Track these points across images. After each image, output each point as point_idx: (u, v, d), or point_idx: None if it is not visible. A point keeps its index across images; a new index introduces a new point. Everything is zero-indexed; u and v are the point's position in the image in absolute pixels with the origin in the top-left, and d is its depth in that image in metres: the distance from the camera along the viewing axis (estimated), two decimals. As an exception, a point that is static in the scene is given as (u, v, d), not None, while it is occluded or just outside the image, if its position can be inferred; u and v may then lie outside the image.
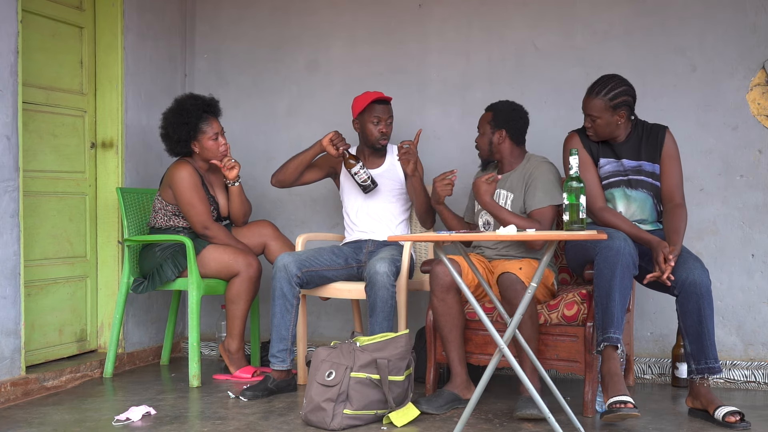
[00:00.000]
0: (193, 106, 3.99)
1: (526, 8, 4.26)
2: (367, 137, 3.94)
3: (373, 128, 3.91)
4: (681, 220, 3.36)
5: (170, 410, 3.38)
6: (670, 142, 3.47)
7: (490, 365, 2.80)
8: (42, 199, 3.92)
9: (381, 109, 3.91)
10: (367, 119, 3.91)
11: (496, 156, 3.68)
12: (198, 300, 3.87)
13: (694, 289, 3.17)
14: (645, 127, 3.52)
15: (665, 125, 3.52)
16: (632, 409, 2.97)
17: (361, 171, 3.86)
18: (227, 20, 4.77)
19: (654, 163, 3.47)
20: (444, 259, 2.89)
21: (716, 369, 3.18)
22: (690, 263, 3.22)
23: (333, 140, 3.88)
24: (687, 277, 3.18)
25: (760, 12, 3.90)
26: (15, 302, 3.53)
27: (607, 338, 3.12)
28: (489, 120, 3.67)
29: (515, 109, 3.68)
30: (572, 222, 2.84)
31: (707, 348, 3.17)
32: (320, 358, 3.18)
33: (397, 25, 4.47)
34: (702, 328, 3.17)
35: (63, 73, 4.08)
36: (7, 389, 3.48)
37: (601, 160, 3.50)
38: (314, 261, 3.72)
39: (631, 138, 3.49)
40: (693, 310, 3.17)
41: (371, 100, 3.89)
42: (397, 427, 3.11)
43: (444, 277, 3.36)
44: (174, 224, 4.01)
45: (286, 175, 4.00)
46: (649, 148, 3.47)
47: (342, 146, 3.88)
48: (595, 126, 3.44)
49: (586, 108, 3.45)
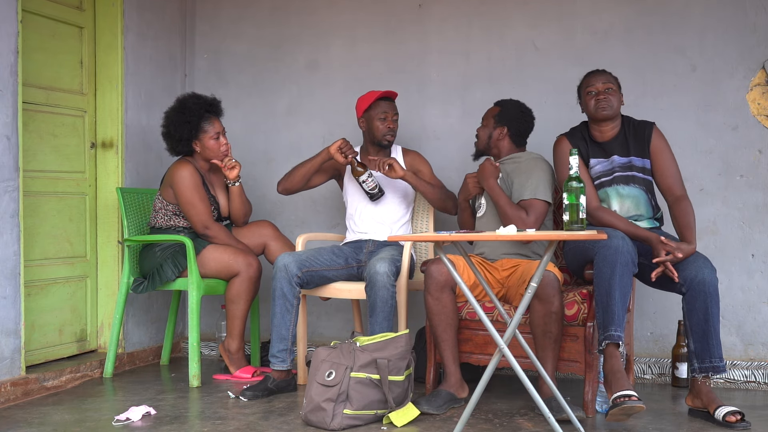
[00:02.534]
0: (196, 105, 4.00)
1: (526, 8, 4.26)
2: (374, 134, 3.92)
3: (380, 124, 3.90)
4: (688, 215, 3.37)
5: (170, 410, 3.38)
6: (657, 137, 3.50)
7: (490, 365, 2.80)
8: (42, 199, 3.92)
9: (387, 105, 3.91)
10: (374, 116, 3.90)
11: (493, 151, 3.72)
12: (198, 300, 3.87)
13: (703, 288, 3.17)
14: (632, 123, 3.55)
15: (652, 121, 3.55)
16: (637, 401, 2.96)
17: (369, 179, 3.85)
18: (227, 20, 4.77)
19: (644, 158, 3.49)
20: (444, 258, 2.89)
21: (721, 368, 3.19)
22: (699, 262, 3.23)
23: (341, 148, 3.86)
24: (696, 275, 3.19)
25: (760, 12, 3.90)
26: (15, 302, 3.53)
27: (609, 336, 3.12)
28: (494, 114, 3.70)
29: (523, 111, 3.71)
30: (572, 222, 2.84)
31: (713, 347, 3.18)
32: (320, 358, 3.18)
33: (397, 24, 4.47)
34: (708, 327, 3.17)
35: (63, 73, 4.08)
36: (7, 389, 3.48)
37: (591, 160, 3.52)
38: (314, 261, 3.72)
39: (619, 135, 3.52)
40: (700, 308, 3.18)
41: (377, 96, 3.89)
42: (397, 427, 3.11)
43: (439, 276, 3.35)
44: (174, 224, 4.01)
45: (293, 183, 3.98)
46: (637, 144, 3.50)
47: (351, 154, 3.86)
48: (609, 96, 3.47)
49: (599, 80, 3.50)
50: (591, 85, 3.51)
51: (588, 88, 3.52)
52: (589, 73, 3.57)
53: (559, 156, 3.55)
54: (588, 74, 3.57)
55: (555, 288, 3.21)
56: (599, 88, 3.49)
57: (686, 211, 3.37)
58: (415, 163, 4.01)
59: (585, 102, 3.54)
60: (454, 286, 3.38)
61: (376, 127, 3.91)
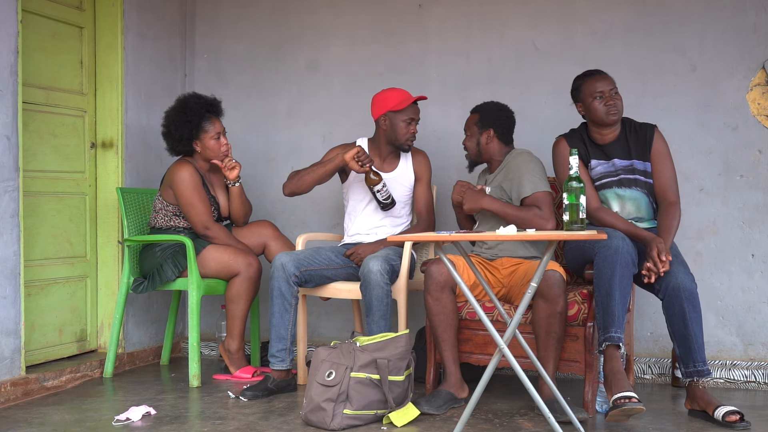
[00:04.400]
0: (197, 104, 4.00)
1: (526, 8, 4.26)
2: (398, 136, 3.84)
3: (405, 128, 3.83)
4: (673, 219, 3.36)
5: (170, 410, 3.38)
6: (659, 141, 3.48)
7: (490, 365, 2.80)
8: (42, 199, 3.92)
9: (416, 110, 3.84)
10: (401, 118, 3.82)
11: (485, 157, 3.67)
12: (198, 300, 3.87)
13: (678, 293, 3.17)
14: (633, 126, 3.53)
15: (653, 124, 3.54)
16: (637, 403, 2.96)
17: (383, 189, 3.78)
18: (227, 20, 4.77)
19: (645, 161, 3.48)
20: (444, 258, 2.89)
21: (704, 372, 3.18)
22: (674, 267, 3.22)
23: (359, 157, 3.73)
24: (670, 281, 3.18)
25: (760, 12, 3.90)
26: (15, 302, 3.53)
27: (609, 338, 3.12)
28: (475, 121, 3.67)
29: (501, 109, 3.68)
30: (572, 222, 2.84)
31: (694, 351, 3.17)
32: (320, 358, 3.18)
33: (397, 25, 4.47)
34: (687, 332, 3.16)
35: (63, 73, 4.08)
36: (7, 389, 3.48)
37: (592, 161, 3.51)
38: (312, 260, 3.72)
39: (619, 138, 3.50)
40: (678, 313, 3.18)
41: (413, 101, 3.80)
42: (397, 427, 3.11)
43: (439, 276, 3.35)
44: (174, 224, 4.01)
45: (301, 188, 3.87)
46: (638, 146, 3.48)
47: (367, 163, 3.74)
48: (617, 100, 3.45)
49: (607, 84, 3.46)
50: (598, 89, 3.45)
51: (594, 91, 3.46)
52: (591, 76, 3.51)
53: (559, 156, 3.54)
54: (589, 77, 3.51)
55: (561, 288, 3.20)
56: (607, 93, 3.44)
57: (673, 216, 3.37)
58: (421, 167, 3.96)
59: (589, 105, 3.48)
60: (454, 286, 3.38)
61: (401, 131, 3.82)
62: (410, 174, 3.95)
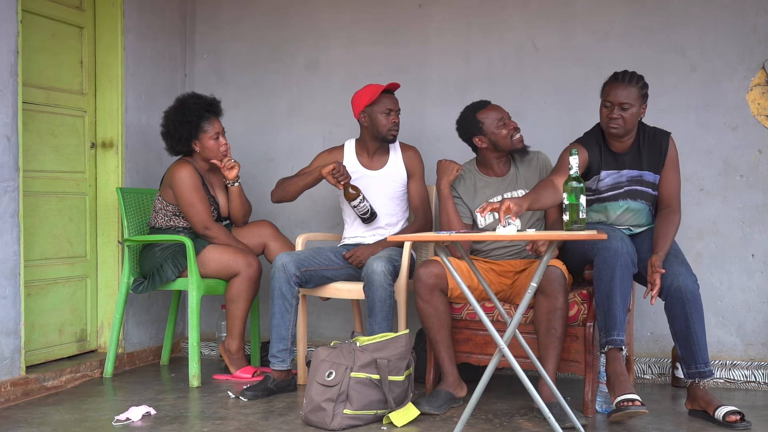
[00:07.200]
0: (196, 104, 4.00)
1: (526, 8, 4.26)
2: (379, 129, 3.83)
3: (385, 119, 3.82)
4: (672, 225, 3.34)
5: (170, 410, 3.38)
6: (673, 151, 3.43)
7: (490, 365, 2.80)
8: (42, 199, 3.92)
9: (390, 99, 3.83)
10: (378, 111, 3.81)
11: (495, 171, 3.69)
12: (198, 300, 3.87)
13: (680, 295, 3.16)
14: (647, 133, 3.44)
15: (668, 131, 3.48)
16: (640, 406, 2.97)
17: (361, 204, 3.78)
18: (227, 20, 4.77)
19: (656, 174, 3.43)
20: (444, 259, 2.89)
21: (706, 373, 3.18)
22: (675, 268, 3.21)
23: (334, 173, 3.72)
24: (672, 282, 3.18)
25: (760, 12, 3.90)
26: (15, 302, 3.53)
27: (611, 341, 3.12)
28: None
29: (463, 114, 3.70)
30: (572, 222, 2.84)
31: (696, 352, 3.17)
32: (320, 358, 3.18)
33: (397, 25, 4.47)
34: (690, 333, 3.16)
35: (63, 73, 4.08)
36: (7, 389, 3.48)
37: (602, 172, 3.44)
38: (313, 260, 3.72)
39: (633, 147, 3.43)
40: (680, 315, 3.17)
41: (382, 90, 3.80)
42: (397, 427, 3.11)
43: (428, 279, 3.34)
44: (174, 224, 4.01)
45: (286, 197, 3.92)
46: (652, 157, 3.42)
47: (343, 179, 3.74)
48: (625, 116, 3.31)
49: (619, 96, 3.29)
50: (609, 97, 3.33)
51: (606, 99, 3.34)
52: (614, 80, 3.35)
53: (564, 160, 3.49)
54: (613, 80, 3.36)
55: (560, 284, 3.19)
56: (615, 104, 3.31)
57: (672, 222, 3.35)
58: (413, 162, 3.96)
59: (600, 110, 3.40)
60: (444, 288, 3.38)
61: (381, 123, 3.82)
62: (401, 170, 3.94)
